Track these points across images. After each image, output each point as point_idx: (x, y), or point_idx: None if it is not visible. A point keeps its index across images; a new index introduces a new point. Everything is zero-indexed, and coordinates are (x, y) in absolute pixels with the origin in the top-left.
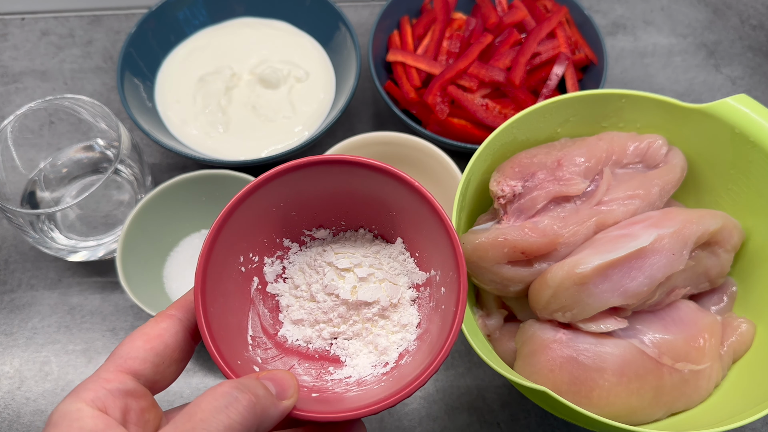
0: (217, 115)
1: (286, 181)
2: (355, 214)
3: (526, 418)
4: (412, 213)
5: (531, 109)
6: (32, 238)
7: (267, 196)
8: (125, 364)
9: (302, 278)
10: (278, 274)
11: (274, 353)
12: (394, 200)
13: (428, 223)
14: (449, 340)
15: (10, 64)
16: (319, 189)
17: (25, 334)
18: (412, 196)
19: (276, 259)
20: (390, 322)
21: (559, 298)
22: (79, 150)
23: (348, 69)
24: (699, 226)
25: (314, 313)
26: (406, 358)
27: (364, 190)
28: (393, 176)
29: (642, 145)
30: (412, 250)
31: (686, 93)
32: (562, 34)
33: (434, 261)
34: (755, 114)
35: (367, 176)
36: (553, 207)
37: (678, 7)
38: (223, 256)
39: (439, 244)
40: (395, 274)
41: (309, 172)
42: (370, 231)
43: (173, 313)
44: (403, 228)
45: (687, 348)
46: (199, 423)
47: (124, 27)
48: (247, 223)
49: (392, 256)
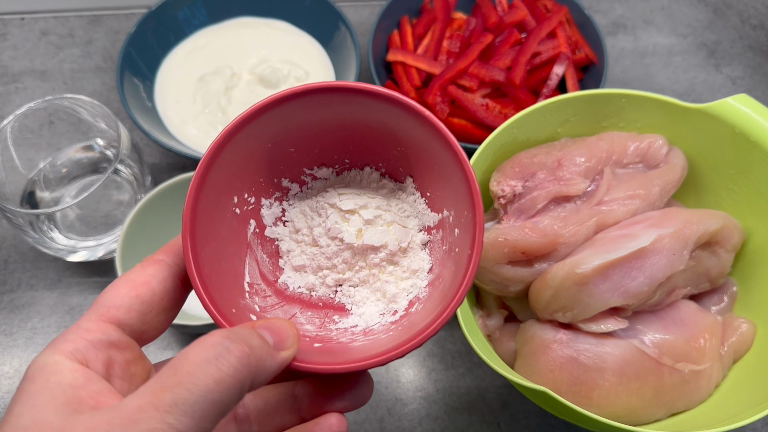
0: (217, 114)
1: (280, 113)
2: (360, 150)
3: (526, 418)
4: (422, 148)
5: (531, 109)
6: (32, 238)
7: (261, 129)
8: (108, 313)
9: (303, 221)
10: (277, 217)
11: (273, 301)
12: (402, 133)
13: (441, 159)
14: (464, 284)
15: (9, 64)
16: (319, 122)
17: (24, 334)
18: (423, 129)
19: (274, 200)
20: (399, 268)
21: (560, 298)
22: (79, 150)
23: (348, 69)
24: (699, 226)
25: (317, 259)
26: (416, 306)
27: (369, 123)
28: (402, 105)
29: (642, 145)
30: (422, 189)
31: (687, 93)
32: (563, 33)
33: (447, 201)
34: (756, 114)
35: (373, 106)
36: (554, 207)
37: (678, 6)
38: (215, 196)
39: (453, 181)
40: (404, 216)
41: (307, 102)
42: (377, 169)
43: (161, 258)
44: (413, 165)
45: (687, 348)
46: (185, 377)
47: (123, 27)
48: (240, 160)
49: (401, 197)
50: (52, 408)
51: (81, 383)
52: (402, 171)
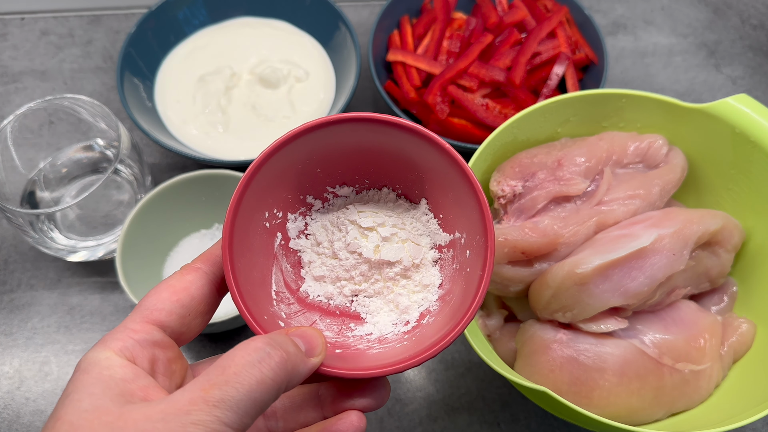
0: (217, 114)
1: (312, 138)
2: (379, 172)
3: (526, 418)
4: (438, 174)
5: (531, 109)
6: (32, 238)
7: (293, 153)
8: (152, 315)
9: (324, 235)
10: (301, 230)
11: (296, 308)
12: (420, 160)
13: (455, 186)
14: (475, 303)
15: (9, 64)
16: (344, 146)
17: (24, 334)
18: (440, 157)
19: (299, 215)
20: (411, 282)
21: (560, 299)
22: (79, 150)
23: (348, 69)
24: (699, 226)
25: (336, 270)
26: (427, 318)
27: (389, 149)
28: (421, 135)
29: (642, 145)
30: (436, 211)
31: (687, 93)
32: (563, 33)
33: (459, 223)
34: (756, 114)
35: (394, 135)
36: (554, 207)
37: (678, 6)
38: (250, 211)
39: (466, 207)
40: (418, 235)
41: (336, 129)
42: (393, 190)
43: (199, 266)
44: (428, 189)
45: (687, 348)
46: (232, 376)
47: (123, 27)
48: (273, 179)
49: (415, 217)
50: (108, 397)
51: (131, 377)
52: (417, 193)
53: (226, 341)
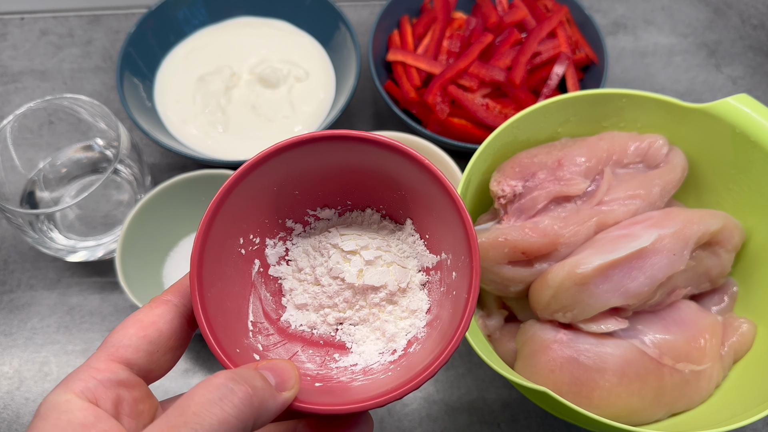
0: (217, 114)
1: (286, 159)
2: (361, 193)
3: (526, 418)
4: (422, 193)
5: (531, 109)
6: (31, 238)
7: (267, 175)
8: (117, 353)
9: (306, 261)
10: (281, 256)
11: (276, 339)
12: (403, 179)
13: (439, 204)
14: (461, 327)
15: (9, 64)
16: (323, 166)
17: (24, 335)
18: (422, 175)
19: (278, 240)
20: (398, 308)
21: (560, 299)
22: (79, 150)
23: (348, 68)
24: (700, 226)
25: (319, 298)
26: (415, 346)
27: (371, 168)
28: (402, 153)
29: (643, 145)
30: (421, 231)
31: (687, 93)
32: (563, 33)
33: (445, 243)
34: (756, 114)
35: (375, 153)
36: (554, 207)
37: (679, 6)
38: (221, 237)
39: (451, 225)
40: (404, 257)
41: (311, 149)
42: (377, 211)
43: (169, 298)
44: (412, 208)
45: (688, 348)
46: (191, 417)
47: (123, 26)
48: (246, 203)
49: (401, 238)
50: None
51: (91, 422)
52: (402, 213)
53: None
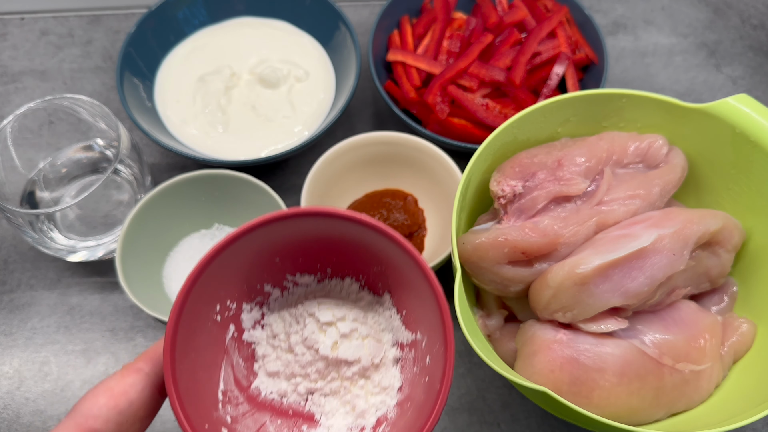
0: (217, 114)
1: (269, 230)
2: (342, 262)
3: (526, 418)
4: (401, 271)
5: (531, 109)
6: (31, 238)
7: (247, 246)
8: (86, 423)
9: (281, 326)
10: (256, 321)
11: (245, 408)
12: (383, 255)
13: (418, 286)
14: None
15: (9, 64)
16: (305, 236)
17: (24, 334)
18: (404, 256)
19: (255, 304)
20: (370, 383)
21: (560, 299)
22: (79, 150)
23: (348, 69)
24: (700, 226)
25: (291, 366)
26: (383, 427)
27: (352, 241)
28: (382, 233)
29: (643, 145)
30: (399, 306)
31: (687, 93)
32: (563, 33)
33: (421, 324)
34: (756, 114)
35: (357, 229)
36: (554, 207)
37: (679, 6)
38: (198, 307)
39: (428, 309)
40: (380, 330)
41: (294, 222)
42: (357, 281)
43: (140, 366)
44: (391, 283)
45: (688, 348)
46: None
47: (123, 26)
48: (225, 273)
49: (378, 311)
50: None
51: None
52: (381, 286)
53: None
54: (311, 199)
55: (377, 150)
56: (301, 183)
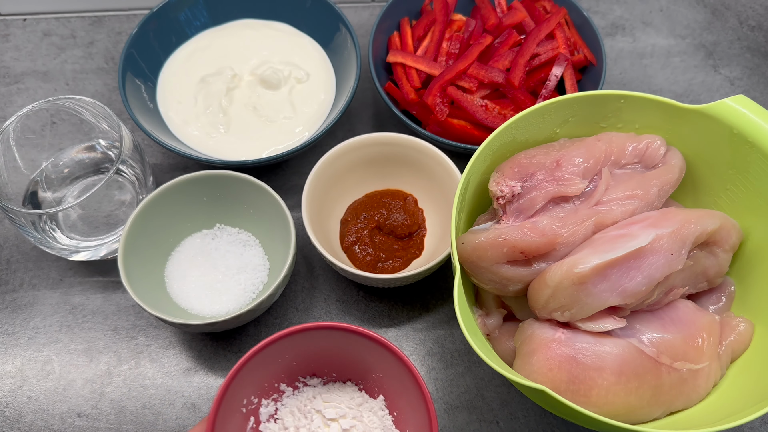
0: (219, 115)
1: (293, 340)
2: (344, 369)
3: (525, 416)
4: (396, 380)
5: (530, 110)
6: (34, 238)
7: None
8: None
9: (291, 420)
10: (271, 415)
11: None
12: (379, 365)
13: (409, 392)
14: None
15: (11, 65)
16: (319, 346)
17: (27, 334)
18: (399, 366)
19: (271, 400)
20: None
21: (558, 298)
22: (81, 150)
23: (348, 70)
24: (697, 226)
25: None
26: None
27: (353, 353)
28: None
29: (640, 146)
30: (391, 408)
31: (685, 94)
32: (561, 35)
33: (410, 424)
34: (753, 115)
35: (363, 344)
36: (552, 207)
37: (676, 8)
38: (230, 401)
39: (418, 413)
40: (373, 428)
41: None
42: (356, 385)
43: None
44: (386, 388)
45: (685, 347)
46: None
47: (125, 28)
48: (255, 372)
49: (373, 411)
50: None
51: None
52: (377, 390)
53: (227, 339)
54: (312, 199)
55: (377, 150)
56: (301, 183)
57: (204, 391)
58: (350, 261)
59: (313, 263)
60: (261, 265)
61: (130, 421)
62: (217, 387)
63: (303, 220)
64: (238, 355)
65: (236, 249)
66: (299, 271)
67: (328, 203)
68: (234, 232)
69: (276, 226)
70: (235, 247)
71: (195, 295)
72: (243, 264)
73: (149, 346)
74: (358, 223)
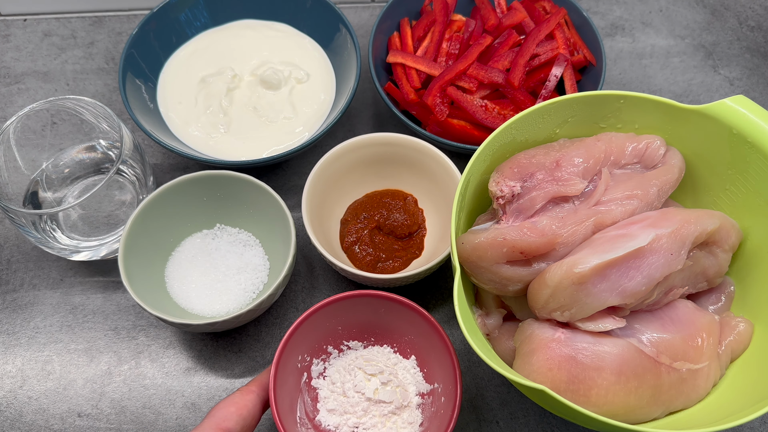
0: (219, 116)
1: (337, 307)
2: (381, 334)
3: (525, 416)
4: (425, 340)
5: (530, 110)
6: (34, 238)
7: (324, 316)
8: (222, 424)
9: (338, 377)
10: (320, 373)
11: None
12: (411, 329)
13: (437, 350)
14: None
15: (12, 65)
16: (360, 313)
17: (27, 334)
18: (428, 328)
19: (321, 360)
20: (400, 419)
21: (558, 298)
22: (82, 150)
23: (348, 70)
24: (697, 226)
25: (344, 405)
26: None
27: (388, 319)
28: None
29: (640, 146)
30: (421, 366)
31: (684, 94)
32: (561, 35)
33: (438, 376)
34: (753, 115)
35: (393, 308)
36: (552, 207)
37: (676, 8)
38: (288, 356)
39: (444, 364)
40: (407, 383)
41: (355, 301)
42: (391, 347)
43: (253, 389)
44: (416, 349)
45: (685, 347)
46: None
47: (125, 28)
48: (307, 334)
49: (406, 369)
50: None
51: None
52: (409, 351)
53: (227, 339)
54: (312, 199)
55: (377, 151)
56: (302, 183)
57: (204, 390)
58: (350, 261)
59: (313, 263)
60: (261, 265)
61: (130, 420)
62: (217, 387)
63: (303, 220)
64: (238, 355)
65: (236, 249)
66: (299, 271)
67: (328, 203)
68: (234, 232)
69: (276, 226)
70: (236, 247)
71: (195, 295)
72: (243, 264)
73: (149, 346)
74: (358, 223)
